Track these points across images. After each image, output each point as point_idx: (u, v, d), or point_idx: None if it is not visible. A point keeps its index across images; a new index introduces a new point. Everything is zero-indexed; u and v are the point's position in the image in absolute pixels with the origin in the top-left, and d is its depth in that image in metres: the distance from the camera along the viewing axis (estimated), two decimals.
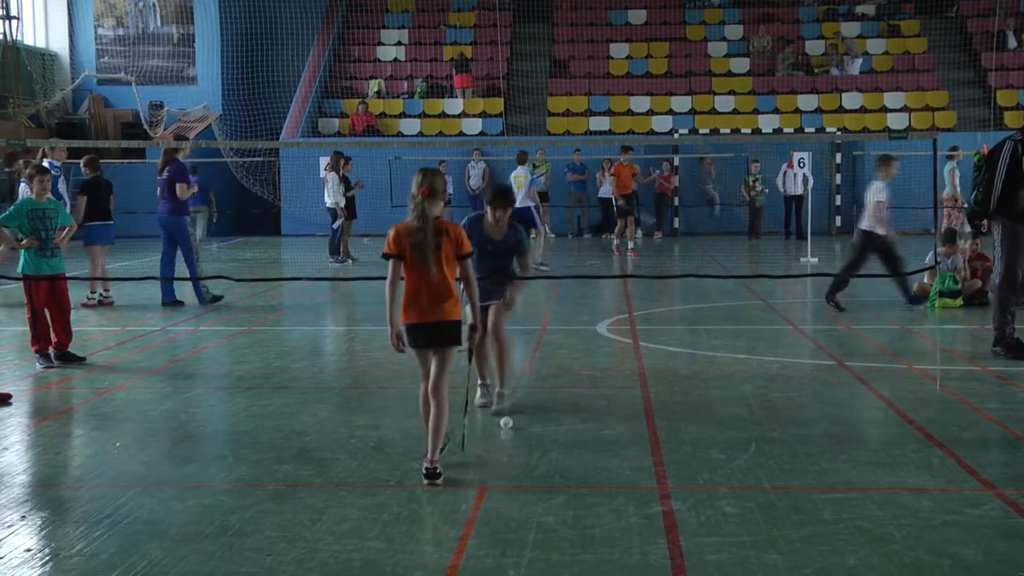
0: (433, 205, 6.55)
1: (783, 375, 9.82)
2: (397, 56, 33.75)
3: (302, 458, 7.09)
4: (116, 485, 6.52)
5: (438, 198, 6.57)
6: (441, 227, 6.56)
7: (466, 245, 6.63)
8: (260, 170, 30.35)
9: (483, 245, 8.23)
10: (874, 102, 31.04)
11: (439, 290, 6.53)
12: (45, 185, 10.57)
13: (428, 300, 6.54)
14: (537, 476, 6.66)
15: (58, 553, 5.38)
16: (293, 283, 17.74)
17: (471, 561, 5.19)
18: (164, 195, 14.81)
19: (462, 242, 6.60)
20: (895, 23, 33.48)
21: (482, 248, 8.18)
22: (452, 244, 6.57)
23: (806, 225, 23.35)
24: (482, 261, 8.22)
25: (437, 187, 6.55)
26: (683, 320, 13.67)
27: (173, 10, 33.83)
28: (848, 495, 6.14)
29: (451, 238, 6.58)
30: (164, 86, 33.17)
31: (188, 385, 9.83)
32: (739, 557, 5.19)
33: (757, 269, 19.74)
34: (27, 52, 31.71)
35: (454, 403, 6.96)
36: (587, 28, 34.01)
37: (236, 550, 5.36)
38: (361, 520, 5.77)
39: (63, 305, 10.59)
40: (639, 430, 7.72)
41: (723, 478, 6.50)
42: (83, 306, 14.58)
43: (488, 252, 8.32)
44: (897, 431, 7.66)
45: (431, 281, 6.52)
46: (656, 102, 31.55)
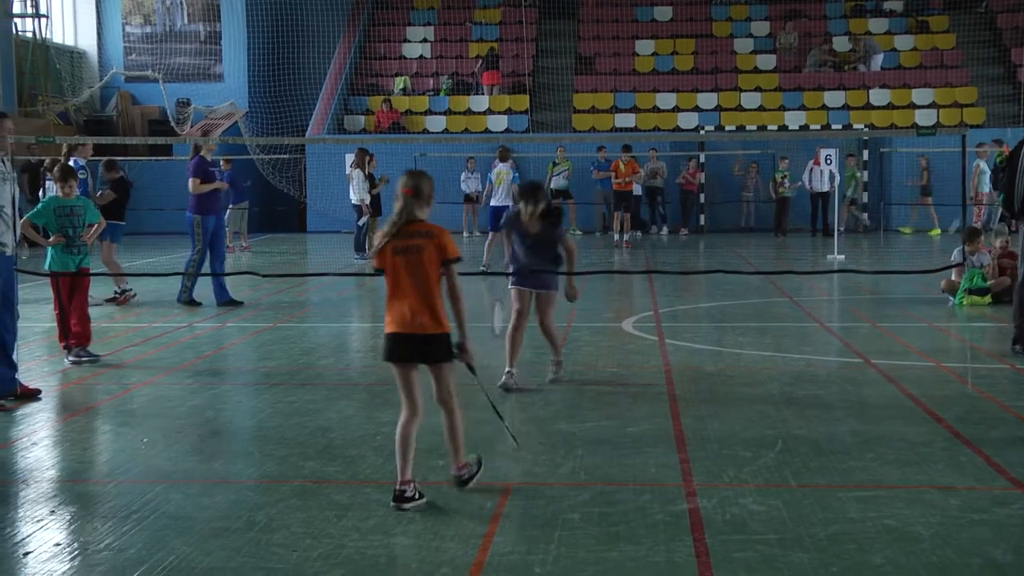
0: (419, 207, 6.07)
1: (809, 373, 9.78)
2: (423, 53, 33.79)
3: (328, 455, 7.11)
4: (144, 481, 6.55)
5: (424, 201, 6.08)
6: (425, 230, 6.06)
7: (451, 250, 6.05)
8: (286, 167, 30.44)
9: (523, 239, 9.00)
10: (902, 98, 30.85)
11: (423, 298, 5.98)
12: (68, 192, 10.63)
13: (411, 309, 5.98)
14: (562, 473, 6.65)
15: (87, 548, 5.41)
16: (319, 280, 17.78)
17: (496, 558, 5.19)
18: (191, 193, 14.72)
19: (446, 246, 6.04)
20: (924, 19, 33.26)
21: (522, 241, 8.99)
22: (436, 249, 6.02)
23: (832, 222, 23.24)
24: (525, 252, 9.02)
25: (423, 189, 6.08)
26: (709, 317, 13.63)
27: (200, 8, 33.97)
28: (875, 493, 6.11)
29: (435, 242, 6.04)
30: (191, 83, 33.32)
31: (214, 381, 9.87)
32: (765, 555, 5.17)
33: (783, 266, 19.65)
34: (56, 50, 31.92)
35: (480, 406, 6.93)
36: (613, 25, 33.94)
37: (262, 546, 5.38)
38: (387, 516, 5.78)
39: (84, 302, 10.64)
40: (665, 427, 7.70)
41: (749, 475, 6.48)
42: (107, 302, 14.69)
43: (528, 246, 9.00)
44: (925, 429, 7.61)
45: (414, 288, 5.99)
46: (682, 99, 31.46)
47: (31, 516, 6.03)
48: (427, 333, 5.97)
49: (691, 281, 16.82)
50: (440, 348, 6.03)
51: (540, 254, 9.03)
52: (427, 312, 5.96)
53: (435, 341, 6.00)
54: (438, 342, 6.01)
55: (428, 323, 5.96)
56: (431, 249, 6.00)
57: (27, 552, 5.39)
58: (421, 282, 5.98)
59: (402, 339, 5.99)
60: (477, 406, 7.11)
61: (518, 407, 8.63)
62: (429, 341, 5.99)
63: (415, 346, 5.99)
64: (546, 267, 9.06)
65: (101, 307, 14.33)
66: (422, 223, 6.06)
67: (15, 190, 8.92)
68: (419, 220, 6.05)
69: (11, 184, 8.83)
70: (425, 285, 5.98)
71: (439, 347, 6.03)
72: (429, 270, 5.98)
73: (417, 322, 5.95)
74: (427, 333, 5.97)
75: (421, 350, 6.01)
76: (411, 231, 6.02)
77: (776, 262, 20.65)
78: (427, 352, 6.02)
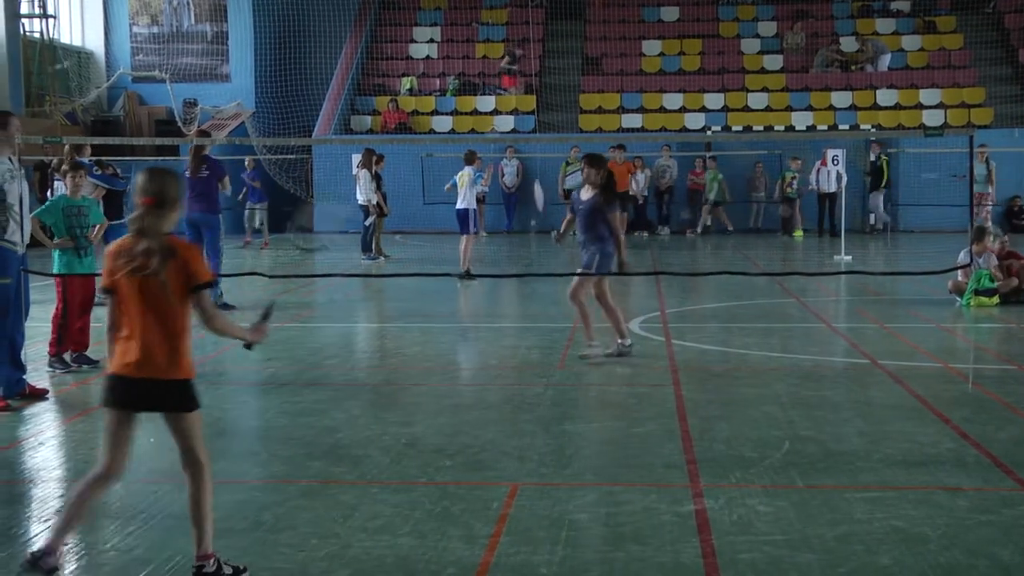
0: (160, 219, 4.86)
1: (816, 373, 9.77)
2: (429, 54, 33.79)
3: (334, 455, 7.12)
4: (150, 480, 6.56)
5: (168, 209, 4.89)
6: (168, 248, 4.83)
7: (201, 273, 4.87)
8: (293, 167, 30.47)
9: (576, 206, 10.29)
10: (909, 99, 30.80)
11: (157, 333, 4.81)
12: (78, 182, 10.58)
13: (141, 346, 4.80)
14: (569, 473, 6.65)
15: (93, 547, 5.42)
16: (325, 280, 17.79)
17: (503, 558, 5.19)
18: (198, 194, 14.53)
19: (195, 270, 4.85)
20: (931, 19, 33.20)
21: (576, 209, 10.28)
22: (180, 272, 4.81)
23: (840, 223, 23.21)
24: (578, 222, 10.24)
25: (168, 194, 4.90)
26: (716, 318, 13.62)
27: (207, 8, 34.00)
28: (882, 494, 6.10)
29: (179, 262, 4.82)
30: (198, 84, 33.34)
31: (220, 382, 9.88)
32: (772, 556, 5.16)
33: (790, 267, 19.63)
34: (63, 50, 31.95)
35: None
36: (619, 25, 33.91)
37: (269, 545, 5.39)
38: (393, 517, 5.78)
39: (89, 306, 10.58)
40: (671, 428, 7.70)
41: (756, 476, 6.47)
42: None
43: (580, 211, 10.20)
44: (932, 430, 7.60)
45: (147, 320, 4.82)
46: (689, 99, 31.43)
47: (38, 516, 6.05)
48: (160, 379, 4.83)
49: (698, 282, 16.81)
50: (177, 396, 4.89)
51: (590, 228, 10.16)
52: (161, 351, 4.82)
53: (171, 388, 4.86)
54: (176, 389, 4.87)
55: (159, 366, 4.81)
56: (175, 273, 4.81)
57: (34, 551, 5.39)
58: (157, 313, 4.82)
59: (126, 383, 4.84)
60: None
61: (525, 408, 8.63)
62: (163, 388, 4.85)
63: (142, 392, 4.84)
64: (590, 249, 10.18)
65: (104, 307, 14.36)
66: (168, 237, 4.88)
67: (24, 188, 8.93)
68: (161, 234, 4.87)
69: (20, 182, 8.84)
70: (161, 317, 4.82)
71: (177, 395, 4.88)
72: (171, 297, 4.81)
73: (147, 364, 4.80)
74: (160, 379, 4.83)
75: (144, 398, 4.86)
76: (148, 248, 4.81)
77: (783, 263, 20.63)
78: (159, 400, 4.87)
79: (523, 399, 8.93)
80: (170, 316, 4.82)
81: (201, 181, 14.40)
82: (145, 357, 4.79)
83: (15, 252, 8.73)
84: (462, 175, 18.33)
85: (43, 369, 10.11)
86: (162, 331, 4.81)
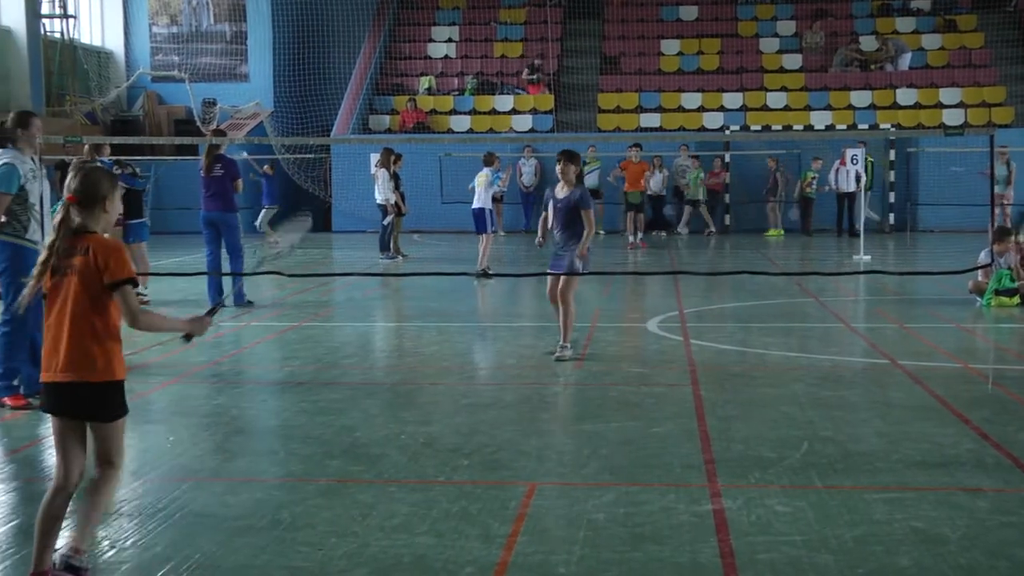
0: (89, 217, 4.79)
1: (835, 374, 9.74)
2: (448, 53, 33.81)
3: (352, 454, 7.13)
4: (169, 479, 6.58)
5: (96, 207, 4.81)
6: (82, 245, 4.74)
7: (121, 270, 4.72)
8: (311, 167, 30.54)
9: (554, 204, 10.29)
10: (929, 98, 30.67)
11: (72, 334, 4.68)
12: None
13: (64, 349, 4.69)
14: (587, 473, 6.64)
15: (114, 545, 5.44)
16: (343, 279, 17.83)
17: (520, 558, 5.18)
18: (213, 193, 14.56)
19: (112, 266, 4.71)
20: (951, 18, 33.05)
21: (553, 208, 10.27)
22: (94, 269, 4.69)
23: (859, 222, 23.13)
24: (555, 219, 10.26)
25: (96, 192, 4.82)
26: (734, 317, 13.59)
27: (226, 8, 34.10)
28: (901, 495, 6.07)
29: (91, 259, 4.70)
30: (217, 83, 33.44)
31: (239, 381, 9.91)
32: (790, 557, 5.15)
33: (809, 267, 19.57)
34: (84, 50, 32.10)
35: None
36: (638, 24, 33.87)
37: (287, 544, 5.40)
38: (411, 516, 5.79)
39: None
40: (689, 428, 7.68)
41: (774, 476, 6.45)
42: None
43: (557, 209, 10.22)
44: (952, 431, 7.57)
45: (62, 320, 4.71)
46: (707, 99, 31.37)
47: None
48: (74, 381, 4.69)
49: (716, 282, 16.77)
50: (90, 401, 4.72)
51: (569, 226, 10.19)
52: (79, 353, 4.69)
53: (83, 392, 4.71)
54: (86, 393, 4.71)
55: (78, 368, 4.69)
56: (87, 269, 4.70)
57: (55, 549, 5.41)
58: (71, 312, 4.69)
59: (49, 389, 4.75)
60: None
61: (542, 407, 8.64)
62: (75, 391, 4.70)
63: (60, 398, 4.73)
64: (569, 247, 10.17)
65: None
66: (90, 235, 4.77)
67: (46, 188, 8.98)
68: (87, 233, 4.78)
69: (40, 182, 8.88)
70: (75, 317, 4.69)
71: (87, 400, 4.72)
72: (82, 296, 4.70)
73: (67, 366, 4.69)
74: (74, 381, 4.69)
75: (67, 402, 4.74)
76: (71, 247, 4.74)
77: (801, 263, 20.57)
78: (72, 405, 4.74)
79: (541, 399, 8.93)
80: (79, 315, 4.69)
81: (216, 180, 14.43)
82: (64, 359, 4.69)
83: (36, 251, 8.76)
84: (480, 176, 18.40)
85: None
86: (71, 332, 4.68)
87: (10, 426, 8.08)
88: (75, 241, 4.74)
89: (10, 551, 5.40)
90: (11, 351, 8.59)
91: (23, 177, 8.62)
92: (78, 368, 4.69)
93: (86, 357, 4.69)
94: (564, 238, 10.28)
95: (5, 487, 6.54)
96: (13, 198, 8.57)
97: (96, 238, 4.77)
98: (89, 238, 4.76)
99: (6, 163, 8.60)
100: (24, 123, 8.74)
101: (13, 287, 8.63)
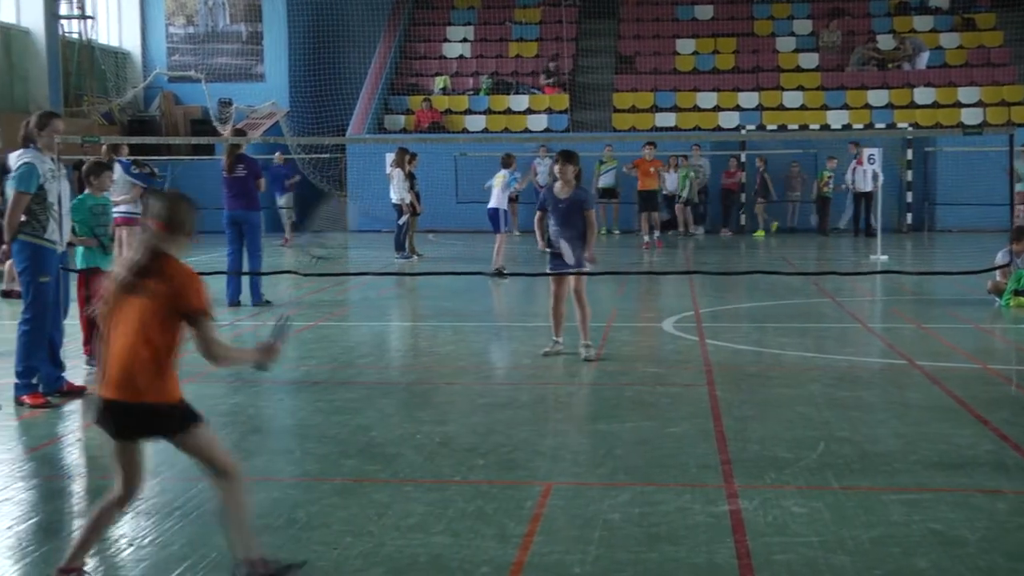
0: (170, 242, 4.79)
1: (852, 374, 9.70)
2: (463, 53, 33.83)
3: (368, 453, 7.13)
4: (186, 477, 6.59)
5: (179, 235, 4.82)
6: (159, 268, 4.71)
7: (198, 300, 4.69)
8: (327, 166, 30.59)
9: (555, 205, 10.20)
10: (947, 97, 30.55)
11: (135, 355, 4.62)
12: (103, 181, 10.57)
13: (123, 368, 4.63)
14: (602, 473, 6.64)
15: (132, 543, 5.46)
16: (359, 279, 17.85)
17: (536, 558, 5.18)
18: (237, 192, 14.59)
19: (191, 295, 4.68)
20: (970, 16, 32.91)
21: (555, 211, 10.19)
22: (169, 294, 4.66)
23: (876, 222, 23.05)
24: (556, 224, 10.18)
25: (182, 220, 4.84)
26: (750, 317, 13.56)
27: (242, 8, 34.19)
28: (919, 496, 6.05)
29: (167, 284, 4.67)
30: (233, 83, 33.53)
31: (255, 380, 9.91)
32: (807, 558, 5.13)
33: (826, 266, 19.51)
34: (101, 51, 32.22)
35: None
36: (653, 24, 33.82)
37: (303, 543, 5.41)
38: (426, 515, 5.79)
39: None
40: (705, 428, 7.66)
41: (791, 477, 6.43)
42: None
43: (560, 210, 10.15)
44: (970, 432, 7.53)
45: (125, 339, 4.64)
46: (723, 98, 31.30)
47: (78, 511, 6.10)
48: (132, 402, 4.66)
49: (732, 281, 16.73)
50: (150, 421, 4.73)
51: (570, 226, 10.14)
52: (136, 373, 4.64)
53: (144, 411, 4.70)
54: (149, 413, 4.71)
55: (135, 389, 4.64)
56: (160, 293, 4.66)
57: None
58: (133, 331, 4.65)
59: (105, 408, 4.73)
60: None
61: (558, 407, 8.64)
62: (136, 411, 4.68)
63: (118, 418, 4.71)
64: (575, 243, 10.13)
65: None
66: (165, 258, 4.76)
67: (64, 188, 9.01)
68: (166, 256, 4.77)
69: (59, 182, 8.91)
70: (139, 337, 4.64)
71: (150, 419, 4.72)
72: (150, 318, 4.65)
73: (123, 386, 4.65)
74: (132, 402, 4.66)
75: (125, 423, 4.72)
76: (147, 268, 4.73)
77: (818, 263, 20.52)
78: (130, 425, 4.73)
79: (556, 398, 8.93)
80: (153, 339, 4.63)
81: (239, 180, 14.48)
82: (119, 377, 4.63)
83: (54, 251, 8.81)
84: (498, 176, 18.45)
85: (81, 367, 10.19)
86: (140, 353, 4.62)
87: (29, 424, 8.12)
88: (152, 263, 4.71)
89: (30, 548, 5.42)
90: (30, 350, 8.64)
91: (42, 177, 8.65)
92: (134, 389, 4.63)
93: (144, 377, 4.63)
94: (565, 237, 10.20)
95: (25, 484, 6.57)
96: (32, 198, 8.60)
97: (174, 263, 4.75)
98: (167, 262, 4.73)
99: (26, 163, 8.64)
100: (42, 124, 8.78)
101: (33, 286, 8.67)
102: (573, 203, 10.16)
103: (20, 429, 8.01)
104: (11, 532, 5.66)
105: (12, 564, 5.21)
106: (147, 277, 4.67)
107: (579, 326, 10.38)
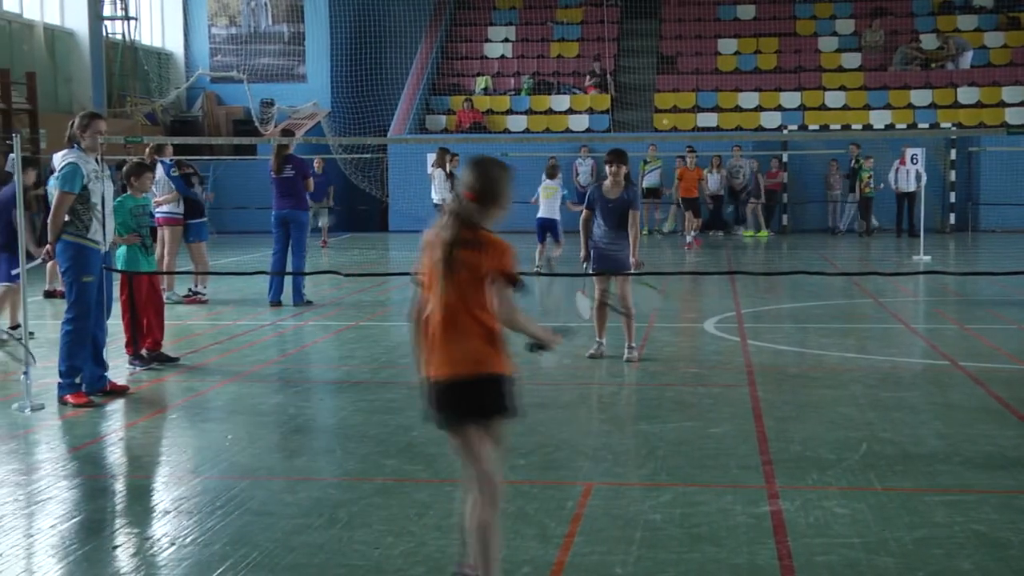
0: (483, 214, 4.63)
1: (894, 375, 9.63)
2: (504, 53, 33.85)
3: (409, 453, 7.16)
4: (228, 477, 6.65)
5: (493, 205, 4.66)
6: (475, 240, 4.56)
7: (511, 267, 4.56)
8: (368, 166, 30.71)
9: (603, 204, 10.17)
10: (991, 96, 30.23)
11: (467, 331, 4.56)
12: (144, 182, 10.64)
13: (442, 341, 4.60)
14: (644, 474, 6.63)
15: (174, 542, 5.50)
16: (400, 279, 17.89)
17: (577, 558, 5.18)
18: (284, 192, 14.65)
19: (507, 263, 4.54)
20: (1015, 15, 32.54)
21: (603, 208, 10.15)
22: (485, 265, 4.53)
23: (919, 222, 22.86)
24: (604, 219, 10.14)
25: (495, 189, 4.66)
26: (792, 318, 13.48)
27: (284, 9, 34.39)
28: (963, 497, 5.99)
29: (485, 252, 4.54)
30: (275, 84, 33.73)
31: (297, 380, 9.98)
32: (849, 559, 5.10)
33: (868, 267, 19.37)
34: (144, 52, 32.52)
35: None
36: (695, 24, 33.70)
37: (344, 543, 5.43)
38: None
39: (158, 302, 10.65)
40: (747, 429, 7.63)
41: (833, 478, 6.40)
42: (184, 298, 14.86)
43: (609, 209, 10.13)
44: (1014, 433, 7.46)
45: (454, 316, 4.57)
46: (765, 98, 31.14)
47: (119, 510, 6.16)
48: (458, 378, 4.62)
49: (773, 282, 16.64)
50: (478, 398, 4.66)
51: (618, 227, 10.13)
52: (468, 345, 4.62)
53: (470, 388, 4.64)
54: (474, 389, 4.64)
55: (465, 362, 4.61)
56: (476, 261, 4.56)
57: (116, 545, 5.50)
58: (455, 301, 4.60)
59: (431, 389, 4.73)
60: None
61: (599, 407, 8.63)
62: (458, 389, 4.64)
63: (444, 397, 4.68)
64: (621, 245, 10.13)
65: (183, 306, 14.52)
66: (478, 229, 4.63)
67: (108, 188, 9.09)
68: (480, 229, 4.63)
69: (103, 182, 9.00)
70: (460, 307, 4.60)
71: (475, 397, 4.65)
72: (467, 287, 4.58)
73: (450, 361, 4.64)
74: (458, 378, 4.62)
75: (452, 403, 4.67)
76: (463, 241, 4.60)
77: (860, 263, 20.37)
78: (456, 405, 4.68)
79: (598, 399, 8.92)
80: (464, 305, 4.52)
81: (287, 180, 14.57)
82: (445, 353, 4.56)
83: (98, 250, 8.89)
84: (546, 187, 18.44)
85: (123, 366, 10.28)
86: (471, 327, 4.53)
87: (72, 423, 8.20)
88: (468, 236, 4.55)
89: (73, 546, 5.48)
90: (73, 350, 8.72)
91: (86, 177, 8.74)
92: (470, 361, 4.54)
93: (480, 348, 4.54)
94: (614, 237, 10.18)
95: (68, 484, 6.64)
96: (76, 198, 8.69)
97: (488, 235, 4.59)
98: (482, 234, 4.58)
99: (70, 163, 8.74)
100: (85, 125, 8.87)
101: (76, 286, 8.76)
102: (622, 203, 10.14)
103: (63, 428, 8.10)
104: (54, 531, 5.73)
105: (55, 563, 5.27)
106: (464, 249, 4.52)
107: (624, 329, 10.34)
